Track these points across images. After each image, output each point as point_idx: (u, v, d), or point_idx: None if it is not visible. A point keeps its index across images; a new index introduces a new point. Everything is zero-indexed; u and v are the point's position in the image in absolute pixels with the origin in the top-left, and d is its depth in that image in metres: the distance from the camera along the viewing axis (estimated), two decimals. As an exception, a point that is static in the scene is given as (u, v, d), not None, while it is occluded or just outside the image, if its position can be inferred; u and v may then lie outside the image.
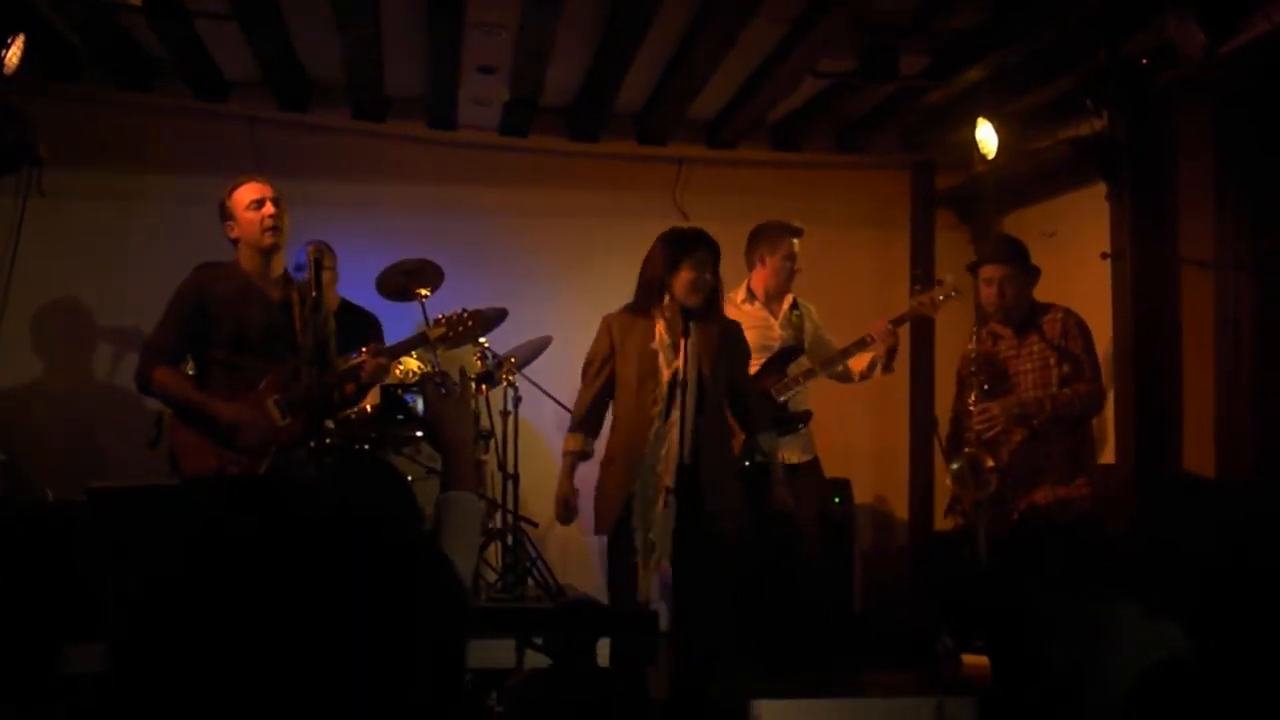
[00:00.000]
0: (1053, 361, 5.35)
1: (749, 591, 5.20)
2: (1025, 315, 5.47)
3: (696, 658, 4.61)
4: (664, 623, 4.86)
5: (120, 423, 6.45)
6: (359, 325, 5.96)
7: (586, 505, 5.07)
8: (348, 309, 6.08)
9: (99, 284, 6.75)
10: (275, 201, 4.81)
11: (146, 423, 5.49)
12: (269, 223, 4.77)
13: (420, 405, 5.58)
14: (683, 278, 4.85)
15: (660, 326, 4.89)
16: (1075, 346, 5.36)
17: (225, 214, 4.87)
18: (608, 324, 5.06)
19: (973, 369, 5.47)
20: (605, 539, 5.02)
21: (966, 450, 5.50)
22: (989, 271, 5.51)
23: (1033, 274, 5.53)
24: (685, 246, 4.91)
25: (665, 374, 4.81)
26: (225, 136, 6.90)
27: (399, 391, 5.62)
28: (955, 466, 5.51)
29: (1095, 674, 2.74)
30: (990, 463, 5.38)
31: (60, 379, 6.81)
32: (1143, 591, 2.75)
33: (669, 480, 4.72)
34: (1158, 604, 2.65)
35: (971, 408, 5.43)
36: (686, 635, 4.56)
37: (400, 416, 5.61)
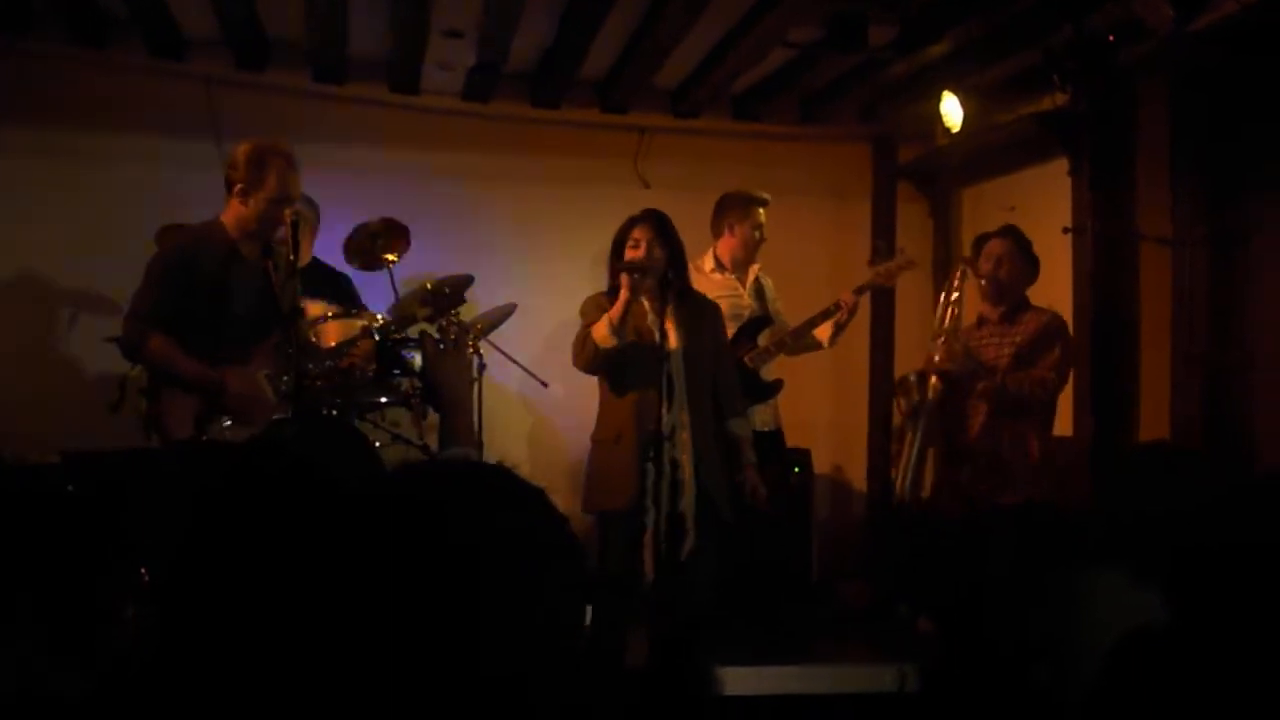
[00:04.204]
0: (1026, 353, 5.46)
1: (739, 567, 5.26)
2: (1014, 304, 5.56)
3: (682, 628, 4.65)
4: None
5: (76, 387, 6.38)
6: (334, 284, 5.89)
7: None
8: (319, 267, 6.01)
9: (50, 244, 6.61)
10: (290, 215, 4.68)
11: (111, 386, 5.41)
12: (276, 233, 4.67)
13: (418, 360, 5.56)
14: (629, 256, 4.88)
15: (645, 304, 4.90)
16: (1050, 346, 5.46)
17: (250, 172, 4.66)
18: (598, 302, 5.00)
19: (955, 294, 5.59)
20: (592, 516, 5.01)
21: (924, 368, 5.64)
22: (993, 246, 5.61)
23: (1032, 264, 5.62)
24: (625, 227, 4.96)
25: (664, 347, 4.80)
26: (182, 96, 6.78)
27: (394, 347, 5.58)
28: (912, 377, 5.65)
29: (1071, 642, 2.78)
30: (934, 380, 5.50)
31: (11, 342, 6.69)
32: (1118, 559, 2.79)
33: (688, 458, 4.77)
34: (1134, 571, 2.69)
35: (940, 330, 5.56)
36: (676, 605, 4.60)
37: (397, 371, 5.58)
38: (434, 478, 1.22)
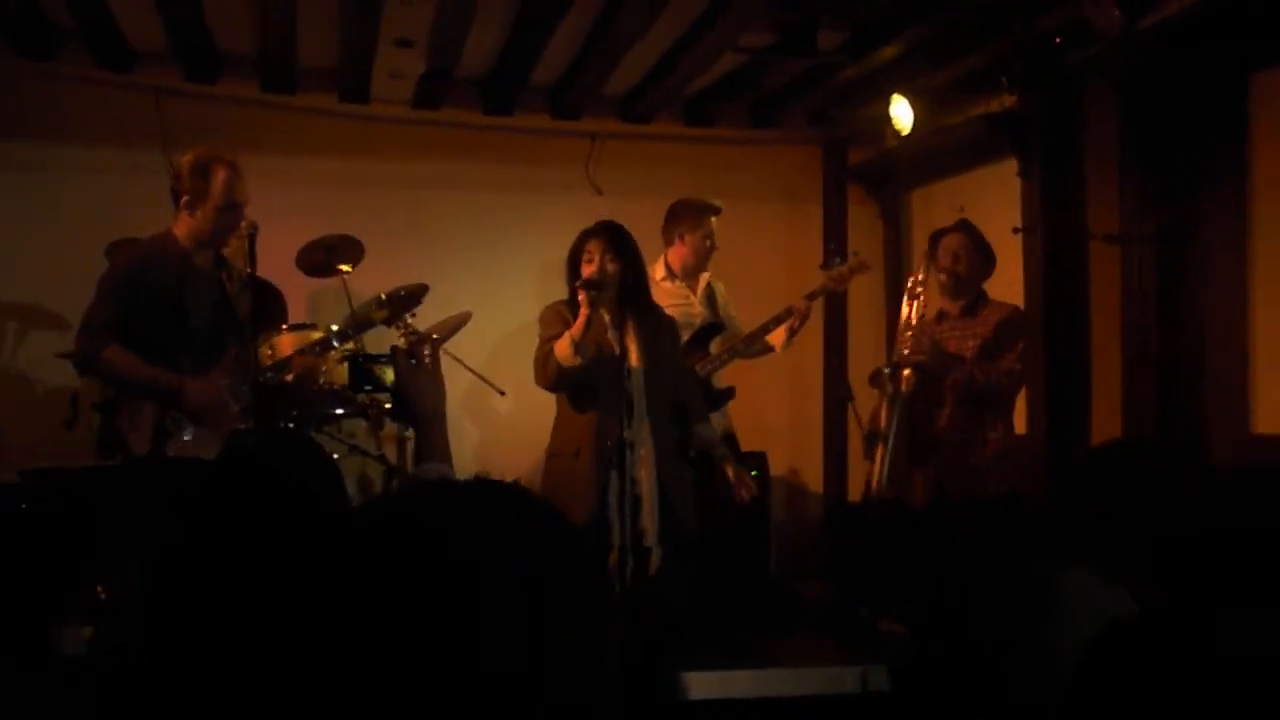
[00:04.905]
0: (991, 346, 5.53)
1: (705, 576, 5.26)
2: (974, 298, 5.63)
3: (654, 637, 4.63)
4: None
5: (25, 404, 6.29)
6: (265, 299, 5.85)
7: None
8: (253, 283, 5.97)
9: (-1, 258, 6.55)
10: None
11: (62, 403, 5.34)
12: (232, 242, 4.63)
13: (390, 376, 5.53)
14: (584, 272, 4.85)
15: (604, 316, 4.87)
16: (1016, 335, 5.53)
17: (194, 182, 4.62)
18: (558, 311, 4.94)
19: (919, 290, 5.63)
20: None
21: (895, 360, 5.66)
22: (950, 241, 5.69)
23: (988, 259, 5.70)
24: (579, 241, 4.91)
25: (625, 362, 4.79)
26: (131, 108, 6.73)
27: (365, 362, 5.55)
28: (885, 370, 5.67)
29: (1044, 637, 2.79)
30: (907, 372, 5.53)
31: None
32: (1088, 554, 2.81)
33: (647, 473, 4.76)
34: (1106, 568, 2.71)
35: (908, 325, 5.60)
36: (642, 618, 4.59)
37: (369, 388, 5.55)
38: (433, 497, 1.19)
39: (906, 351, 5.58)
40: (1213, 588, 2.31)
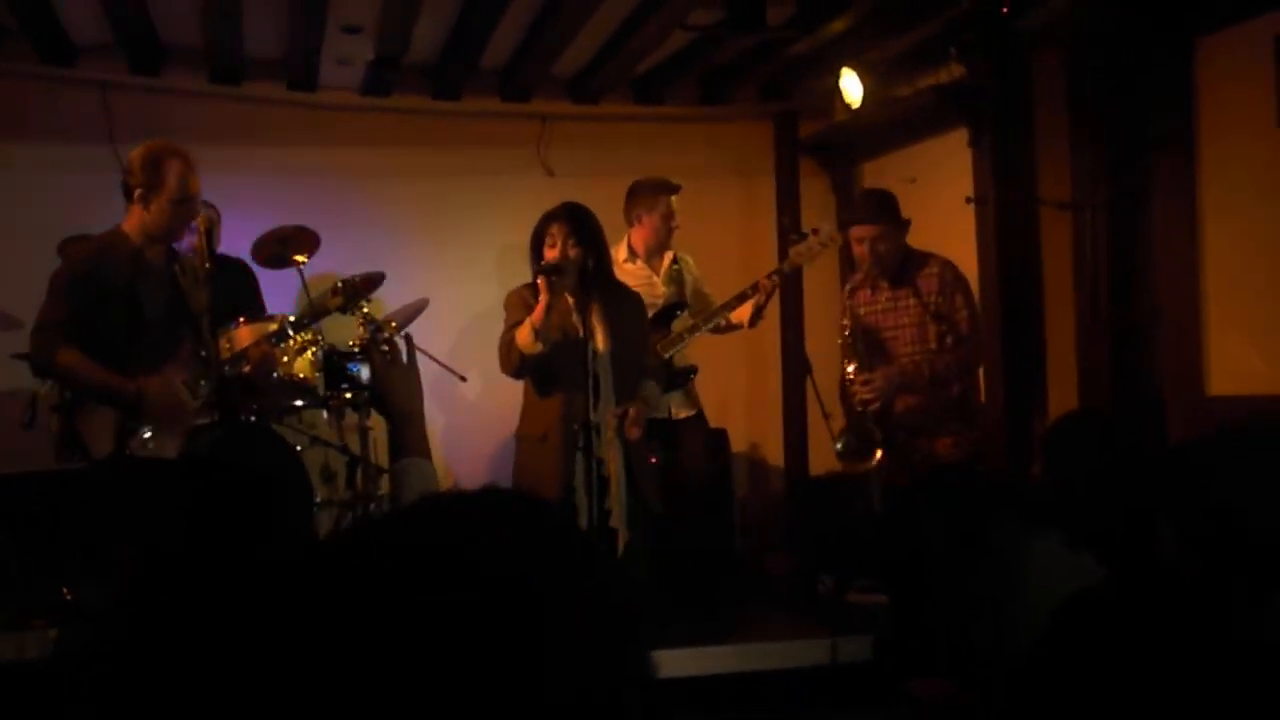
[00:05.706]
0: (930, 317, 5.45)
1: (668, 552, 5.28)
2: (900, 266, 5.52)
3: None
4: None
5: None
6: (235, 277, 5.78)
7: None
8: (221, 263, 5.91)
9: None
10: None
11: (18, 404, 5.27)
12: (183, 235, 4.60)
13: (365, 373, 5.50)
14: (547, 256, 4.85)
15: (568, 300, 4.86)
16: (953, 303, 5.45)
17: (146, 175, 4.56)
18: (522, 296, 4.95)
19: (849, 338, 5.51)
20: None
21: (851, 420, 5.54)
22: (860, 231, 5.49)
23: (903, 226, 5.58)
24: (541, 224, 4.90)
25: (590, 345, 4.79)
26: (75, 103, 6.66)
27: (338, 360, 5.51)
28: (840, 446, 5.54)
29: (1013, 606, 2.85)
30: (878, 435, 5.41)
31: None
32: (1053, 524, 2.86)
33: (615, 454, 4.76)
34: (1069, 537, 2.76)
35: (853, 376, 5.48)
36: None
37: (344, 385, 5.52)
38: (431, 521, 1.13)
39: (864, 398, 5.41)
40: (1177, 554, 2.35)
